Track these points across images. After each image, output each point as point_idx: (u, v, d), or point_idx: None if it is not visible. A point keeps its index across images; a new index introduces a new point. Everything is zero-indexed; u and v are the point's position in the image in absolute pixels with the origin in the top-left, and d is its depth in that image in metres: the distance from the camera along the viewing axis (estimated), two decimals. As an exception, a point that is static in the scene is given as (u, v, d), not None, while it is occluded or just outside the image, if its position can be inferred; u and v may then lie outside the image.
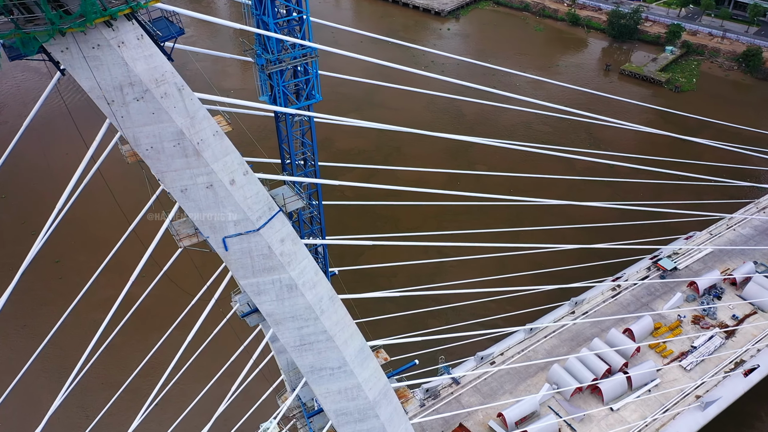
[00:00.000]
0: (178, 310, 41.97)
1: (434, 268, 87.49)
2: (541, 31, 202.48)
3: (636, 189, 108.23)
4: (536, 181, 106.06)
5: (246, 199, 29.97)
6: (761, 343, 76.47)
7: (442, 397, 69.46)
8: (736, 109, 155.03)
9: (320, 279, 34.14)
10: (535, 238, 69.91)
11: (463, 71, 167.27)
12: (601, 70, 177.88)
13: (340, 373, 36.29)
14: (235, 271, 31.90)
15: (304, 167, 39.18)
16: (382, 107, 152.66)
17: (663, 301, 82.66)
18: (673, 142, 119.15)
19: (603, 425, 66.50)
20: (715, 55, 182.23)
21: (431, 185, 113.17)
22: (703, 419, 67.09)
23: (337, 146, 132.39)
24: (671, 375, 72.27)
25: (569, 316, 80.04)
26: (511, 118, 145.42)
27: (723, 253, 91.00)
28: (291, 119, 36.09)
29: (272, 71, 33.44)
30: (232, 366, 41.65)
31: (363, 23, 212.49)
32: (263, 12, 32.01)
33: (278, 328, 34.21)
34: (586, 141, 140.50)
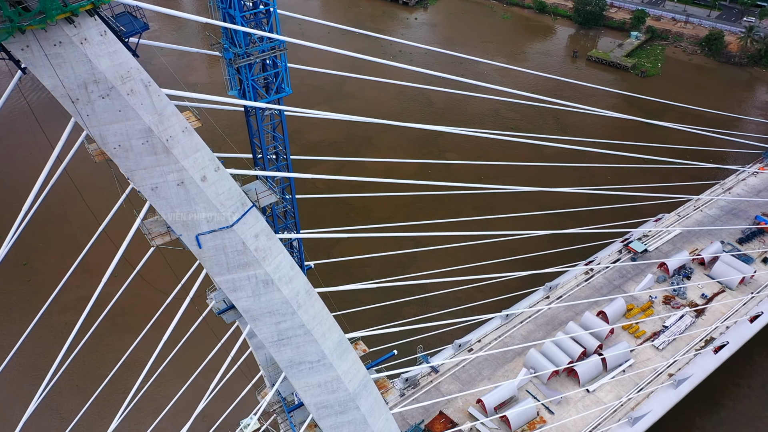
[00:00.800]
0: (153, 310, 41.46)
1: (408, 258, 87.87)
2: (509, 19, 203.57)
3: (604, 173, 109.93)
4: (506, 168, 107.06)
5: (218, 195, 29.66)
6: (730, 320, 78.53)
7: (422, 385, 69.95)
8: (699, 92, 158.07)
9: (296, 273, 34.01)
10: (508, 224, 70.88)
11: (432, 60, 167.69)
12: (568, 57, 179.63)
13: (319, 367, 36.28)
14: (210, 268, 31.59)
15: (276, 161, 38.85)
16: (352, 98, 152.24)
17: (635, 282, 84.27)
18: (639, 126, 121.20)
19: (580, 407, 67.71)
20: (678, 39, 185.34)
21: (403, 175, 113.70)
22: (675, 396, 68.75)
23: (308, 138, 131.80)
24: (644, 355, 73.81)
25: (544, 301, 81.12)
26: (480, 105, 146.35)
27: (691, 234, 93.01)
28: (261, 113, 35.71)
29: (241, 65, 33.02)
30: (210, 363, 41.37)
31: (330, 14, 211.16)
32: (229, 5, 31.55)
33: (255, 324, 34.02)
34: (553, 126, 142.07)
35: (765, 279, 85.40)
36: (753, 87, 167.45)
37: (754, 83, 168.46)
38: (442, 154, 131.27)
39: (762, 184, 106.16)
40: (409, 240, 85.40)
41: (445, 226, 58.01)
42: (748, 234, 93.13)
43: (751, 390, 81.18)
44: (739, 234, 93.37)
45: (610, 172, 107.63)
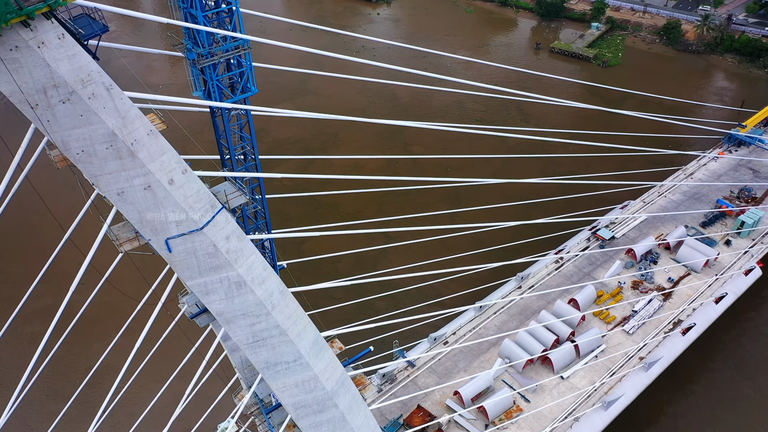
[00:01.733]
0: (124, 316, 40.76)
1: (379, 252, 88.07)
2: (472, 12, 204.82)
3: (567, 162, 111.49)
4: (471, 159, 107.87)
5: (187, 198, 29.27)
6: (696, 302, 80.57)
7: (399, 380, 70.22)
8: (659, 80, 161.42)
9: (269, 274, 33.78)
10: (477, 216, 71.15)
11: (395, 55, 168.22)
12: (531, 49, 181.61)
13: (296, 367, 36.14)
14: (181, 272, 31.18)
15: (245, 162, 38.52)
16: (316, 94, 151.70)
17: (603, 269, 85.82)
18: (600, 114, 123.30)
19: (555, 393, 68.77)
20: (638, 29, 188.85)
21: (370, 169, 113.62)
22: (647, 379, 70.31)
23: (273, 136, 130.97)
24: (615, 340, 75.29)
25: (516, 291, 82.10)
26: (444, 98, 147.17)
27: (656, 219, 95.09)
28: (228, 114, 35.35)
29: (204, 65, 32.60)
30: (185, 368, 40.84)
31: (293, 11, 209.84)
32: (191, 5, 31.09)
33: (230, 327, 33.71)
34: (517, 117, 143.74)
35: (728, 261, 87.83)
36: (710, 74, 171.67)
37: (711, 70, 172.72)
38: (408, 147, 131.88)
39: (722, 168, 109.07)
40: (379, 234, 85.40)
41: (414, 221, 58.33)
42: (711, 218, 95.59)
43: (716, 369, 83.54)
44: (702, 218, 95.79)
45: (573, 161, 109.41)
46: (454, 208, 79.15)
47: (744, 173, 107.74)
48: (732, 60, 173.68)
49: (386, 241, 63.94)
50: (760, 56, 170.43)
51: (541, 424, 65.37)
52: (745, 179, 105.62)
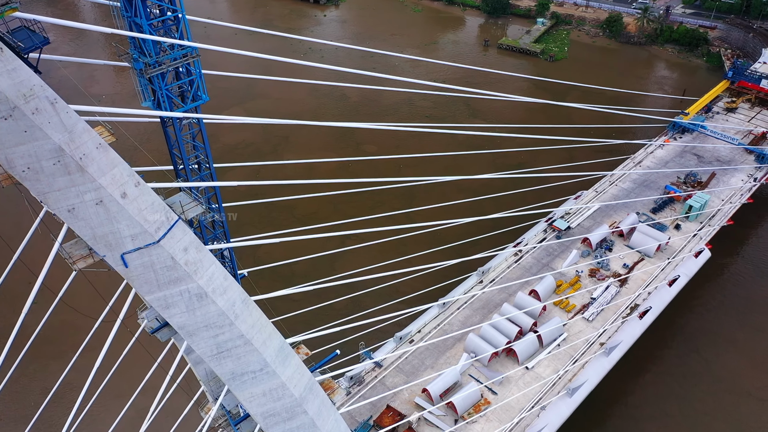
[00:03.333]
0: (80, 333, 39.51)
1: (338, 254, 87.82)
2: (419, 12, 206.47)
3: (518, 155, 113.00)
4: (423, 156, 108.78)
5: (141, 211, 28.60)
6: (651, 286, 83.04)
7: (367, 382, 70.19)
8: (604, 72, 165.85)
9: (230, 283, 33.30)
10: (434, 214, 71.65)
11: (343, 55, 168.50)
12: (480, 46, 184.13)
13: (262, 375, 35.72)
14: (139, 287, 30.46)
15: (199, 171, 37.92)
16: (265, 98, 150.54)
17: (561, 259, 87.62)
18: (548, 107, 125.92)
19: (521, 384, 69.85)
20: (581, 23, 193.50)
21: (323, 170, 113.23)
22: (608, 364, 72.06)
23: (224, 141, 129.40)
24: (576, 327, 76.95)
25: (478, 285, 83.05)
26: (394, 96, 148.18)
27: (609, 208, 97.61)
28: (179, 123, 34.72)
29: (152, 75, 31.98)
30: (148, 383, 39.91)
31: (238, 15, 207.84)
32: (134, 14, 30.45)
33: (193, 340, 33.10)
34: (465, 112, 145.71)
35: (679, 244, 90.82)
36: (652, 64, 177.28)
37: (653, 61, 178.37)
38: (360, 146, 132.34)
39: (668, 155, 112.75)
40: (336, 237, 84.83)
41: (371, 222, 58.25)
42: (660, 203, 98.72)
43: (666, 347, 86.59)
44: (652, 204, 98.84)
45: (524, 154, 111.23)
46: (408, 204, 79.68)
47: (689, 159, 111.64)
48: (672, 50, 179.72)
49: (343, 242, 63.59)
50: (698, 45, 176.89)
51: (509, 416, 66.31)
52: (690, 165, 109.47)
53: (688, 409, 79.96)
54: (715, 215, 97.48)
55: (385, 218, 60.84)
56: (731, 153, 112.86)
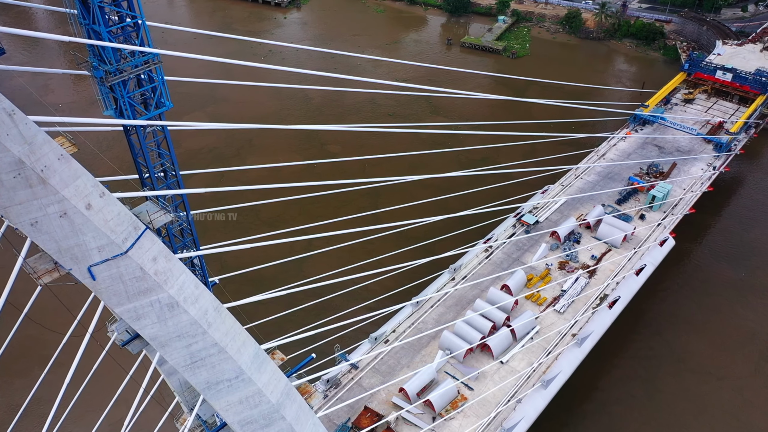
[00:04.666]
0: (47, 347, 38.58)
1: (307, 256, 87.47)
2: (382, 12, 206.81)
3: (481, 151, 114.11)
4: (387, 155, 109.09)
5: (107, 222, 28.03)
6: (619, 276, 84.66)
7: (344, 384, 70.03)
8: (565, 67, 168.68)
9: (202, 292, 32.88)
10: (404, 214, 71.82)
11: (304, 57, 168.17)
12: (443, 45, 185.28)
13: (238, 383, 35.36)
14: (108, 299, 29.85)
15: (165, 179, 37.37)
16: (227, 102, 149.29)
17: (531, 253, 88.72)
18: (510, 103, 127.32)
19: (496, 378, 70.51)
20: (541, 20, 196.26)
21: (288, 172, 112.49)
22: (581, 354, 73.22)
23: (186, 147, 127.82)
24: (548, 320, 78.01)
25: (450, 283, 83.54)
26: (356, 95, 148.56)
27: (575, 201, 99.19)
28: (143, 131, 34.16)
29: (113, 83, 31.39)
30: (122, 397, 39.20)
31: (197, 19, 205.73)
32: (93, 21, 29.85)
33: (165, 350, 32.58)
34: (427, 110, 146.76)
35: (644, 234, 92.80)
36: (612, 58, 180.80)
37: (612, 55, 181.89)
38: (324, 147, 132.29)
39: (631, 147, 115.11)
40: (303, 235, 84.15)
41: (339, 223, 58.10)
42: (625, 195, 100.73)
43: (632, 331, 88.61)
44: (617, 196, 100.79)
45: (488, 150, 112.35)
46: (374, 202, 79.84)
47: (650, 150, 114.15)
48: (630, 44, 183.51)
49: (310, 243, 62.97)
50: (655, 39, 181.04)
51: (486, 410, 66.88)
52: (652, 156, 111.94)
53: (652, 390, 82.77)
54: (678, 204, 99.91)
55: (353, 219, 60.80)
56: (690, 143, 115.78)
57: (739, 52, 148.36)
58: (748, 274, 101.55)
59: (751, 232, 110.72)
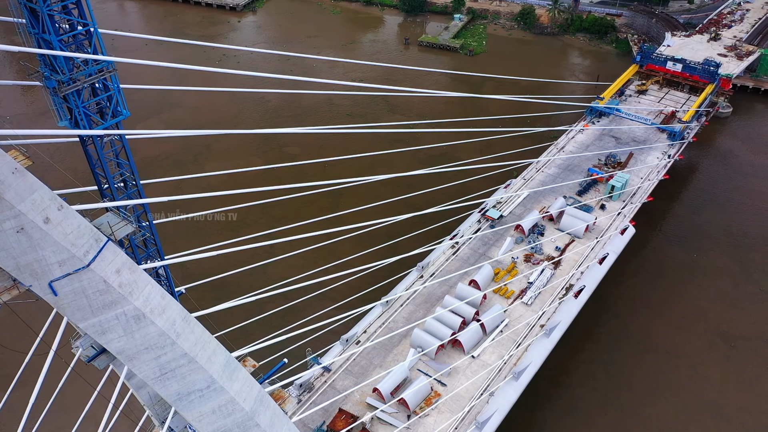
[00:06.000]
0: (8, 369, 37.42)
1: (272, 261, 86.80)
2: (338, 14, 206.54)
3: (440, 148, 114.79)
4: (347, 153, 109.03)
5: (67, 235, 27.31)
6: (583, 266, 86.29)
7: (317, 388, 69.68)
8: (521, 63, 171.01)
9: (168, 302, 32.32)
10: (368, 213, 71.82)
11: (259, 60, 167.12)
12: (400, 44, 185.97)
13: (210, 393, 34.88)
14: (71, 314, 29.09)
15: (126, 189, 36.60)
16: (182, 107, 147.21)
17: (497, 247, 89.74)
18: (467, 100, 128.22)
19: (469, 373, 71.11)
20: (497, 17, 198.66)
21: (247, 176, 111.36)
22: (550, 344, 74.36)
23: (142, 154, 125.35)
24: (517, 312, 79.01)
25: (419, 281, 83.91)
26: (313, 96, 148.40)
27: (537, 194, 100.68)
28: (100, 141, 33.38)
29: (67, 92, 30.60)
30: (89, 414, 38.22)
31: (148, 25, 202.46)
32: (42, 30, 29.05)
33: (133, 363, 31.93)
34: (384, 108, 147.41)
35: (605, 223, 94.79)
36: (566, 53, 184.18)
37: (567, 49, 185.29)
38: (283, 149, 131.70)
39: (589, 139, 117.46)
40: (266, 240, 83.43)
41: (304, 227, 57.78)
42: (585, 186, 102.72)
43: (590, 315, 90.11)
44: (578, 187, 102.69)
45: (447, 147, 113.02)
46: (335, 202, 79.32)
47: (608, 141, 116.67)
48: (583, 38, 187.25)
49: (272, 247, 62.36)
50: (607, 33, 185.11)
51: (460, 405, 67.39)
52: (609, 147, 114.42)
53: (613, 371, 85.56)
54: (636, 193, 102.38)
55: (317, 221, 60.46)
56: (646, 133, 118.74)
57: (688, 43, 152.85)
58: (699, 255, 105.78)
59: (700, 216, 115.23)
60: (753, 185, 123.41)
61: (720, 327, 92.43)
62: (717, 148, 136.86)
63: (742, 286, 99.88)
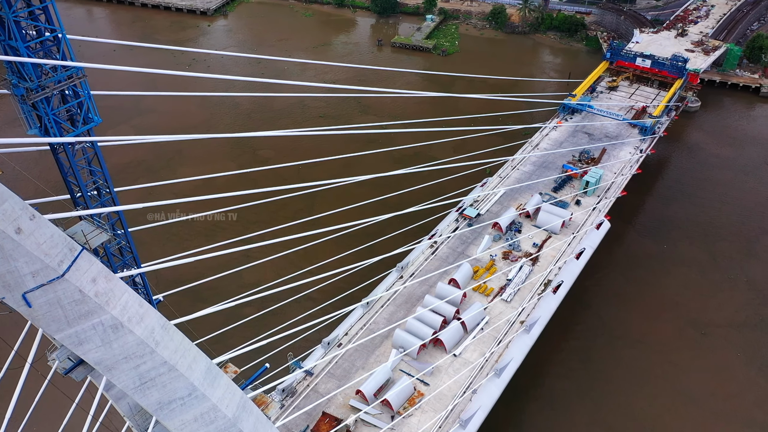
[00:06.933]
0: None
1: (245, 262, 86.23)
2: (310, 16, 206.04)
3: (415, 148, 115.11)
4: (321, 155, 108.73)
5: (40, 245, 26.74)
6: (560, 261, 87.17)
7: (300, 392, 69.31)
8: (494, 62, 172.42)
9: (146, 310, 31.85)
10: (345, 215, 71.71)
11: (229, 64, 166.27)
12: (373, 46, 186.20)
13: (191, 400, 34.45)
14: (47, 326, 28.50)
15: (99, 197, 36.03)
16: (153, 113, 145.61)
17: (475, 246, 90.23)
18: (437, 99, 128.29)
19: (451, 372, 71.34)
20: (468, 17, 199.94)
21: (221, 180, 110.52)
22: (530, 340, 74.97)
23: (113, 161, 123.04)
24: (497, 309, 79.52)
25: (399, 281, 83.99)
26: (285, 99, 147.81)
27: (514, 191, 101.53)
28: (72, 149, 32.82)
29: (36, 100, 30.03)
30: (68, 428, 37.50)
31: (116, 30, 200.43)
32: (8, 36, 28.48)
33: (112, 374, 31.38)
34: (356, 109, 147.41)
35: (581, 219, 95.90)
36: (538, 51, 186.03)
37: (538, 48, 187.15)
38: (257, 152, 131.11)
39: (562, 136, 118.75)
40: (242, 246, 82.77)
41: (279, 231, 57.42)
42: (560, 182, 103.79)
43: (569, 310, 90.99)
44: (553, 183, 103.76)
45: (422, 147, 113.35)
46: (310, 204, 78.91)
47: (581, 138, 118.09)
48: (554, 37, 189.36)
49: (248, 252, 61.78)
50: (577, 31, 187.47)
51: (443, 404, 67.58)
52: (582, 143, 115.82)
53: (589, 363, 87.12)
54: (610, 188, 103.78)
55: (293, 225, 60.17)
56: (618, 128, 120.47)
57: (656, 39, 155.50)
58: (669, 246, 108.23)
59: (670, 208, 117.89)
60: (718, 177, 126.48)
61: (690, 315, 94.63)
62: (686, 141, 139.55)
63: (710, 275, 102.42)
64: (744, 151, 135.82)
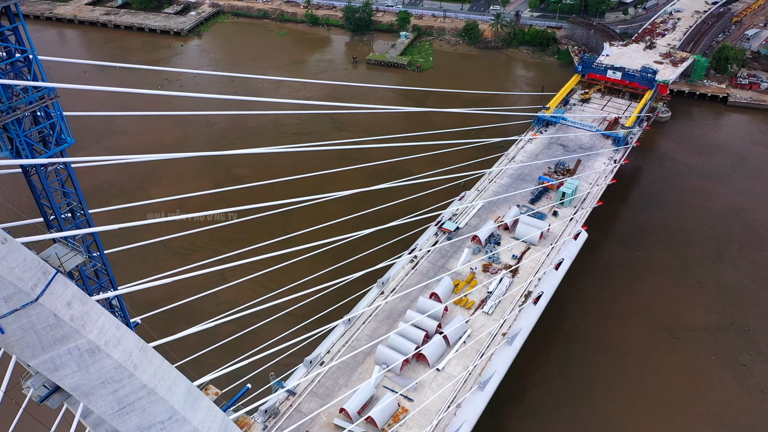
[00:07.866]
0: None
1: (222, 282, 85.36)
2: (285, 35, 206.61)
3: (391, 163, 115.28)
4: (296, 172, 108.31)
5: (12, 269, 26.13)
6: (540, 272, 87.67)
7: (283, 412, 68.36)
8: (468, 77, 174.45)
9: (124, 333, 31.23)
10: (323, 232, 71.34)
11: (203, 83, 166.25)
12: (348, 63, 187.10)
13: (172, 424, 33.74)
14: (20, 352, 27.77)
15: (73, 219, 35.40)
16: (125, 133, 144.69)
17: (455, 259, 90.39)
18: (411, 115, 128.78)
19: (435, 386, 71.01)
20: (442, 33, 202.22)
21: (196, 199, 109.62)
22: (513, 352, 75.04)
23: (85, 184, 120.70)
24: (478, 322, 79.54)
25: (380, 297, 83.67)
26: (259, 116, 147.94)
27: (492, 204, 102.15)
28: (44, 171, 32.27)
29: (6, 122, 29.53)
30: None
31: (87, 51, 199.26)
32: (-22, 58, 28.05)
33: (89, 400, 30.63)
34: (331, 126, 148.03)
35: (559, 230, 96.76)
36: (511, 65, 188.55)
37: (511, 62, 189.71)
38: (231, 170, 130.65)
39: (538, 148, 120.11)
40: (218, 266, 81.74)
41: (256, 250, 56.90)
42: (537, 194, 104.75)
43: (545, 318, 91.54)
44: (530, 195, 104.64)
45: (398, 162, 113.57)
46: (286, 221, 78.19)
47: (556, 149, 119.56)
48: (526, 51, 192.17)
49: (222, 273, 60.94)
50: (549, 45, 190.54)
51: (428, 419, 67.14)
52: (557, 155, 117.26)
53: (565, 371, 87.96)
54: (586, 198, 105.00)
55: (270, 243, 59.60)
56: (591, 140, 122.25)
57: (625, 51, 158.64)
58: (641, 253, 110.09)
59: (641, 216, 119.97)
60: (687, 184, 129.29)
61: (664, 321, 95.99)
62: (657, 151, 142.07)
63: (682, 280, 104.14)
64: (712, 159, 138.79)
